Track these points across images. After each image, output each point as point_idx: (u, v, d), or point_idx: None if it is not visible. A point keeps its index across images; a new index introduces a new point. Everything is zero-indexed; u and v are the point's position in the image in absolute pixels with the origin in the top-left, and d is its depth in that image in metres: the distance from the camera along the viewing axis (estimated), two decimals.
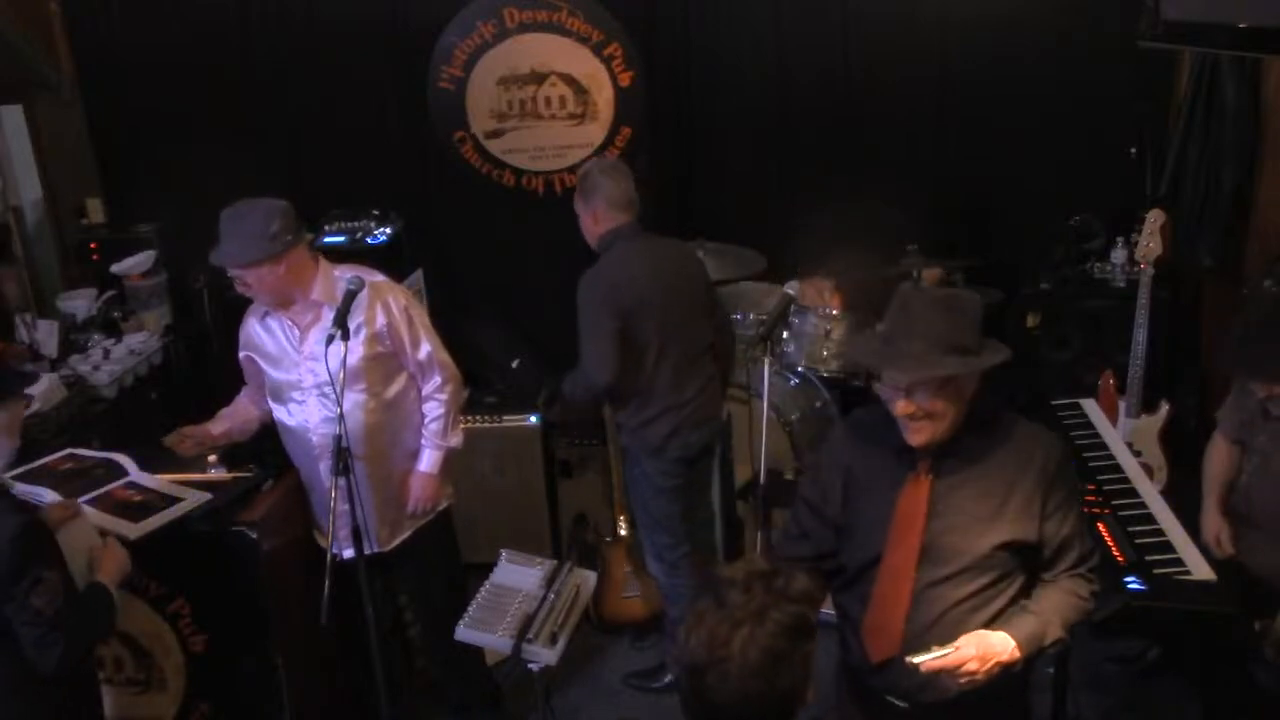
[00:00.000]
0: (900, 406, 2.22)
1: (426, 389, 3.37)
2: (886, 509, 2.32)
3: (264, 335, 3.29)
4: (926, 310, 2.23)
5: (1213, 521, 3.20)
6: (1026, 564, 2.32)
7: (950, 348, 2.19)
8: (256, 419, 3.45)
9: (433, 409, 3.39)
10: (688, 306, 3.74)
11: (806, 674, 1.76)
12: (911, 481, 2.30)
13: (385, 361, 3.25)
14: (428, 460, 3.42)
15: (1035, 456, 2.26)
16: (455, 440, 3.45)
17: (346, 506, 2.96)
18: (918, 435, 2.24)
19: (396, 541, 3.46)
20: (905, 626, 2.32)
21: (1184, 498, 3.22)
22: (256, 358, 3.32)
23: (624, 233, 3.66)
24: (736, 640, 1.69)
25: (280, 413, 3.34)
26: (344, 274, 3.22)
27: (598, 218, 3.68)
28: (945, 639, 2.26)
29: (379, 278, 3.30)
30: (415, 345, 3.29)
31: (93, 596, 2.64)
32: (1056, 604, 2.35)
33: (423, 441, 3.42)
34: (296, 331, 3.21)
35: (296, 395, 3.26)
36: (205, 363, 3.41)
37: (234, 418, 3.43)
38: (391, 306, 3.22)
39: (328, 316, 3.16)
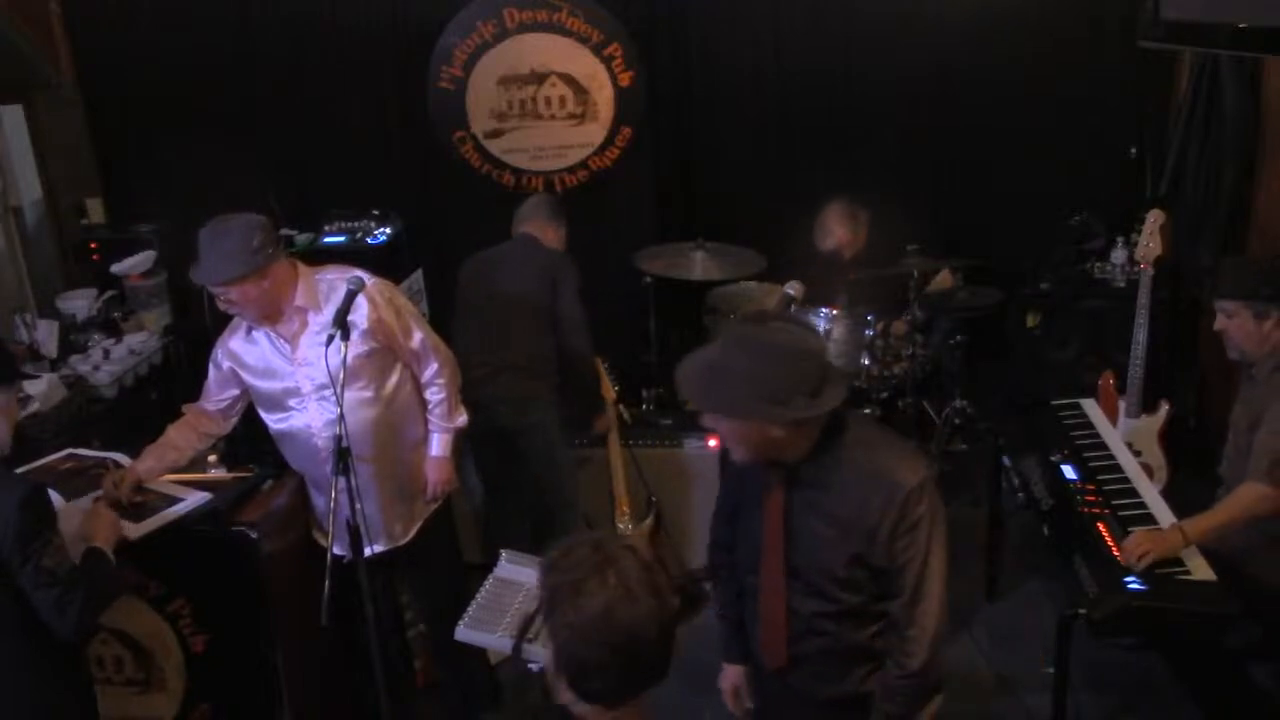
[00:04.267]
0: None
1: (425, 376, 3.37)
2: (757, 528, 2.39)
3: (250, 350, 3.25)
4: (738, 349, 2.22)
5: None
6: (885, 590, 2.32)
7: (756, 393, 2.17)
8: (187, 456, 3.37)
9: (434, 394, 3.40)
10: (494, 300, 4.06)
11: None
12: (770, 502, 2.35)
13: (380, 356, 3.25)
14: (438, 445, 3.44)
15: (885, 482, 2.23)
16: (461, 420, 3.47)
17: (359, 506, 2.96)
18: (733, 453, 2.32)
19: (413, 532, 3.47)
20: (786, 640, 2.40)
21: (1184, 498, 3.22)
22: (243, 373, 3.28)
23: (515, 237, 4.24)
24: (611, 574, 1.70)
25: (278, 422, 3.32)
26: (325, 275, 3.21)
27: None
28: (826, 654, 2.37)
29: (361, 275, 3.27)
30: (407, 335, 3.28)
31: (93, 558, 2.72)
32: None
33: (430, 427, 3.43)
34: (285, 341, 3.20)
35: (294, 402, 3.25)
36: (205, 363, 3.40)
37: (161, 457, 3.32)
38: (377, 300, 3.20)
39: (314, 321, 3.15)
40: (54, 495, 2.84)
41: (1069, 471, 3.48)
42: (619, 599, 1.70)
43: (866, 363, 4.66)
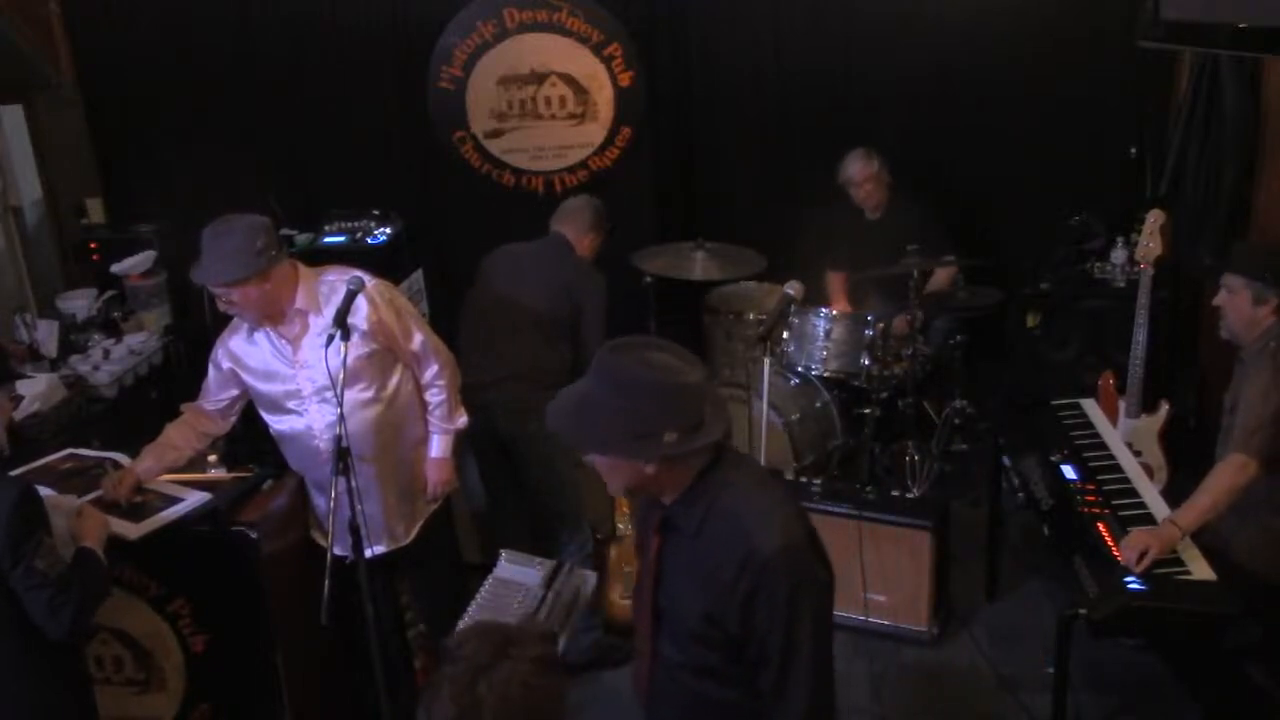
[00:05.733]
0: None
1: (426, 377, 3.37)
2: (644, 561, 2.30)
3: (251, 351, 3.25)
4: (602, 382, 2.08)
5: None
6: (744, 655, 2.12)
7: (624, 429, 2.03)
8: (186, 456, 3.38)
9: (434, 395, 3.40)
10: (504, 303, 4.03)
11: (562, 708, 1.65)
12: (650, 539, 2.24)
13: (381, 357, 3.25)
14: (438, 446, 3.44)
15: (744, 543, 2.04)
16: (461, 421, 3.47)
17: (361, 506, 2.96)
18: (609, 486, 2.17)
19: (414, 533, 3.48)
20: (648, 678, 2.28)
21: (1184, 498, 3.21)
22: (243, 374, 3.28)
23: (550, 234, 4.21)
24: (482, 683, 1.57)
25: (279, 423, 3.32)
26: (326, 277, 3.21)
27: None
28: (687, 710, 2.21)
29: (361, 275, 3.27)
30: (408, 336, 3.28)
31: (84, 558, 2.71)
32: None
33: (430, 429, 3.43)
34: (286, 343, 3.20)
35: (295, 404, 3.25)
36: (205, 363, 3.40)
37: (160, 457, 3.33)
38: (377, 301, 3.20)
39: (315, 323, 3.15)
40: (44, 490, 2.85)
41: (1069, 471, 3.48)
42: (471, 714, 1.57)
43: (866, 363, 4.66)
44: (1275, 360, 3.11)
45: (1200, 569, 2.95)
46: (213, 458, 3.48)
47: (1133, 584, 2.91)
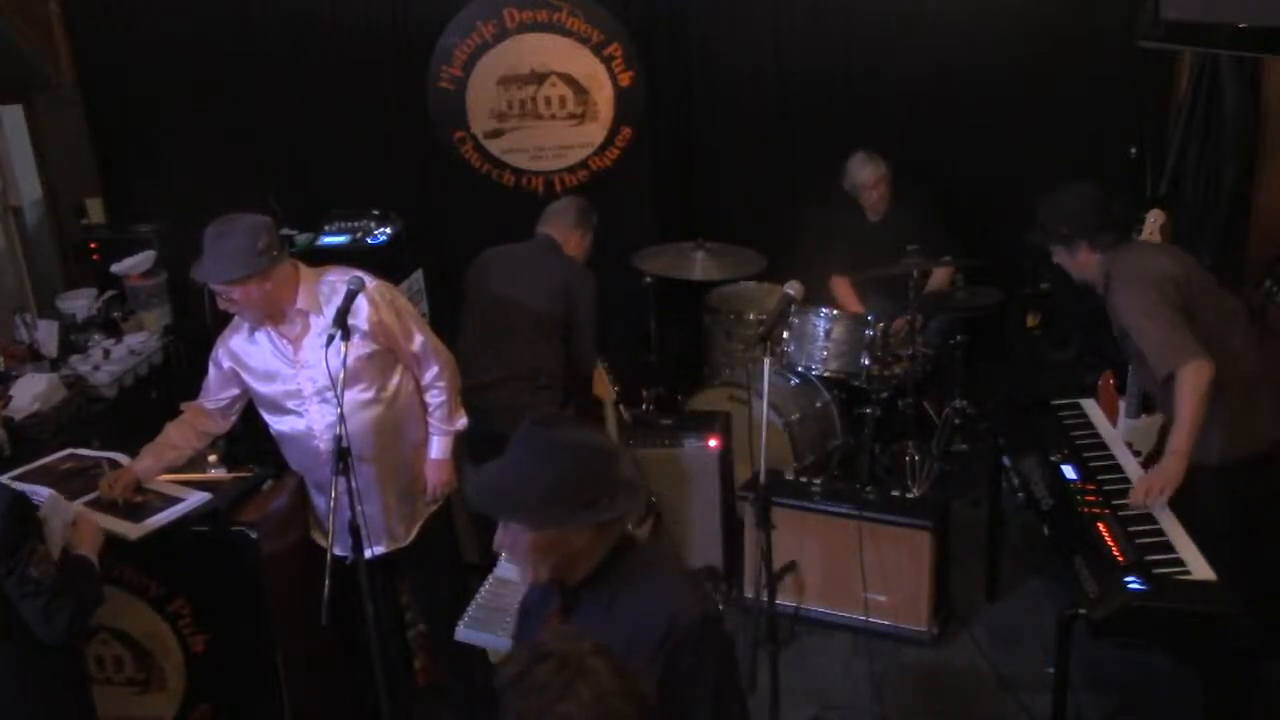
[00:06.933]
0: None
1: (426, 378, 3.37)
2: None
3: (251, 351, 3.25)
4: (533, 454, 2.05)
5: None
6: None
7: (560, 499, 2.00)
8: (186, 456, 3.39)
9: (434, 396, 3.40)
10: (501, 304, 4.05)
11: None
12: (549, 618, 2.17)
13: (381, 358, 3.25)
14: (438, 447, 3.44)
15: (664, 613, 2.02)
16: (461, 423, 3.47)
17: (361, 507, 2.95)
18: (530, 574, 2.13)
19: (414, 533, 3.48)
20: None
21: (1184, 498, 3.22)
22: (243, 374, 3.29)
23: (536, 236, 4.24)
24: (584, 690, 1.57)
25: (279, 424, 3.32)
26: (327, 277, 3.21)
27: None
28: None
29: (361, 275, 3.27)
30: (408, 337, 3.28)
31: (77, 564, 2.72)
32: None
33: (430, 430, 3.43)
34: (286, 343, 3.20)
35: (295, 405, 3.25)
36: (205, 363, 3.40)
37: (160, 456, 3.34)
38: (378, 301, 3.20)
39: (315, 323, 3.15)
40: (40, 489, 2.85)
41: (1069, 471, 3.48)
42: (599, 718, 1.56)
43: (866, 363, 4.66)
44: (1124, 280, 3.27)
45: (1200, 569, 2.95)
46: (213, 458, 3.49)
47: (1133, 584, 2.91)
